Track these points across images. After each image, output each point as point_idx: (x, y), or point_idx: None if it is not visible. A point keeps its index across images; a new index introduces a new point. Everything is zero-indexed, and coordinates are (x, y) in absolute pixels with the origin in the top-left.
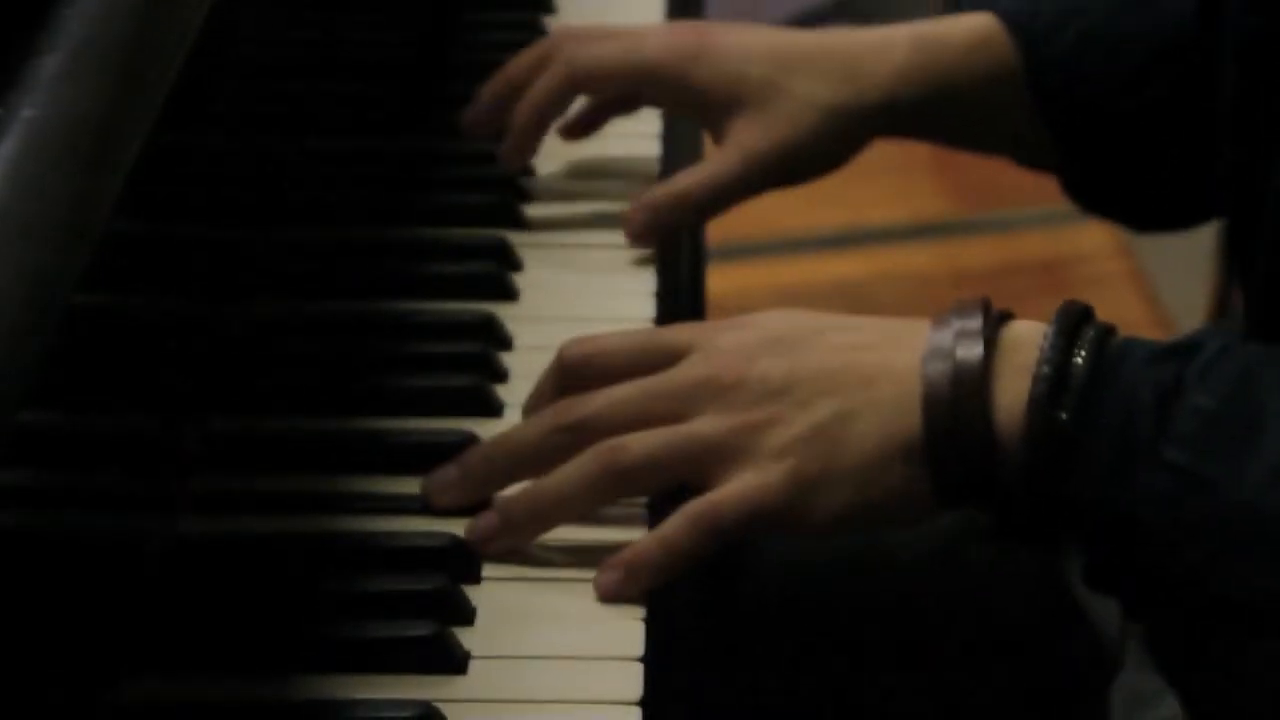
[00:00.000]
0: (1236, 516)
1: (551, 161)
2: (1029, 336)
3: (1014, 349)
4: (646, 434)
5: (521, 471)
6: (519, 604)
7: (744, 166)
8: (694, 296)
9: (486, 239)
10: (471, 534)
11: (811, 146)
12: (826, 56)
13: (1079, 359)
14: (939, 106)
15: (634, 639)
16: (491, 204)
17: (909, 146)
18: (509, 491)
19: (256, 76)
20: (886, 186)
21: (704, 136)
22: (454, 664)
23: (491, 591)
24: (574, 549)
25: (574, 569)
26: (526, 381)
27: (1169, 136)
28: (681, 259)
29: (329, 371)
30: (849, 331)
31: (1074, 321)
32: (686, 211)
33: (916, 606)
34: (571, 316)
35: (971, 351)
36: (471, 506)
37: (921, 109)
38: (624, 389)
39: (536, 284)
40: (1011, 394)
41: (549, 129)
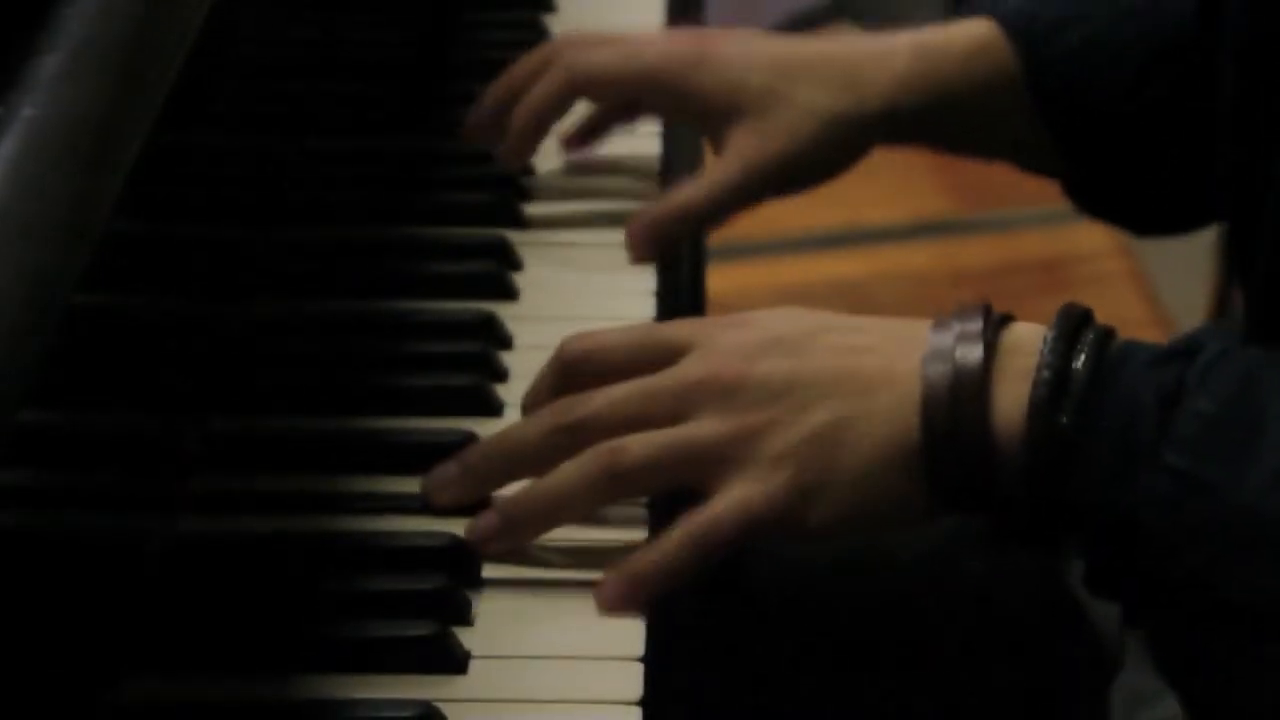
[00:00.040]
0: (1237, 520)
1: (551, 160)
2: (1029, 340)
3: (1014, 352)
4: (646, 436)
5: (521, 470)
6: (519, 604)
7: (744, 176)
8: (694, 296)
9: (486, 238)
10: (471, 534)
11: (812, 155)
12: (827, 64)
13: (1079, 362)
14: (940, 114)
15: (634, 639)
16: (491, 203)
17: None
18: (509, 491)
19: (256, 76)
20: (886, 186)
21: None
22: (454, 664)
23: (491, 591)
24: (574, 549)
25: (574, 569)
26: (526, 381)
27: (1169, 138)
28: (681, 258)
29: (329, 371)
30: (850, 333)
31: (1074, 325)
32: (688, 225)
33: (916, 607)
34: (571, 315)
35: (971, 354)
36: (471, 506)
37: (922, 116)
38: (623, 388)
39: (536, 283)
40: (1011, 397)
41: (547, 133)
